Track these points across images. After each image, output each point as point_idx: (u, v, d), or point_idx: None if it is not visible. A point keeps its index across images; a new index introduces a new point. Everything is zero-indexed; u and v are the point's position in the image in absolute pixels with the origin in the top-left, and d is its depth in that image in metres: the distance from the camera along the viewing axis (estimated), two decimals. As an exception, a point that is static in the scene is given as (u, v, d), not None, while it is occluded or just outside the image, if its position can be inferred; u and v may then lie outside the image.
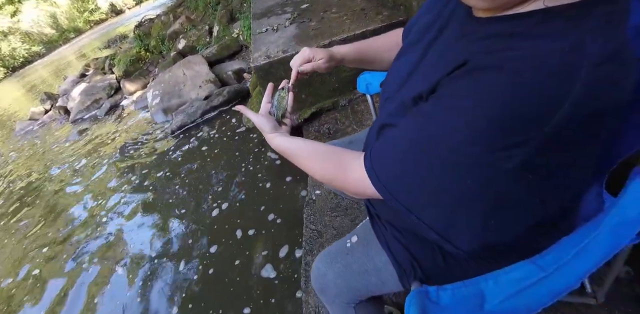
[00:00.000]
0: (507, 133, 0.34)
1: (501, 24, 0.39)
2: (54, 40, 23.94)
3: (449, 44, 0.47)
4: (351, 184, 0.50)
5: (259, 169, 2.39)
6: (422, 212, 0.42)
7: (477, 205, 0.39)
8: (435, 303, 0.54)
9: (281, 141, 0.62)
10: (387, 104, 0.56)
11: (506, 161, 0.35)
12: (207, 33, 5.32)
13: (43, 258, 2.54)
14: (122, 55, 6.33)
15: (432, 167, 0.40)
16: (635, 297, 0.87)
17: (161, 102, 4.00)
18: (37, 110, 6.54)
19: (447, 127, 0.38)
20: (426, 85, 0.44)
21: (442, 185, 0.39)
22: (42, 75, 13.71)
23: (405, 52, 0.60)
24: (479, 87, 0.36)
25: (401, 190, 0.43)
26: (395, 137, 0.46)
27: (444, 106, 0.39)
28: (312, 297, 1.20)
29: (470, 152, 0.36)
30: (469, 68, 0.38)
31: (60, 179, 3.73)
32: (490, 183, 0.37)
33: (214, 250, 1.87)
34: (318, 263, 0.70)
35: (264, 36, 2.30)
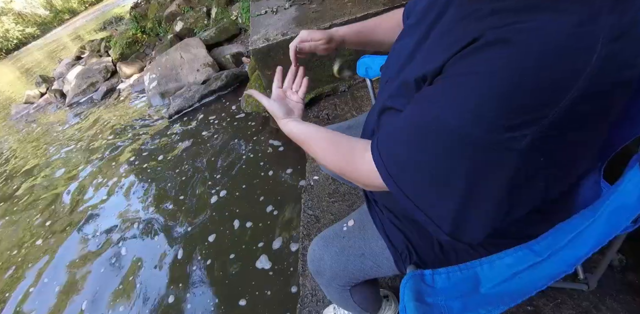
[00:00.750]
0: (519, 111, 0.32)
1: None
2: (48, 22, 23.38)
3: (453, 23, 0.44)
4: (362, 175, 0.48)
5: (261, 157, 2.36)
6: (430, 208, 0.40)
7: (490, 194, 0.37)
8: (430, 286, 0.55)
9: (293, 127, 0.61)
10: (388, 86, 0.54)
11: (517, 142, 0.33)
12: (205, 15, 5.18)
13: (36, 242, 2.57)
14: (118, 38, 6.20)
15: (440, 154, 0.37)
16: (626, 284, 0.88)
17: (158, 86, 3.95)
18: (32, 93, 6.46)
19: (455, 109, 0.36)
20: (431, 66, 0.41)
21: (452, 174, 0.37)
22: (37, 58, 13.48)
23: (406, 34, 0.58)
24: (488, 63, 0.34)
25: (408, 181, 0.41)
26: (401, 124, 0.43)
27: (450, 87, 0.37)
28: (309, 280, 1.22)
29: (480, 134, 0.34)
30: (478, 45, 0.35)
31: (57, 164, 3.71)
32: (502, 167, 0.35)
33: (212, 239, 1.86)
34: (314, 245, 0.71)
35: (262, 18, 2.24)
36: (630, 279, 0.89)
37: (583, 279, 0.67)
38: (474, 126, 0.34)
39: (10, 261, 2.49)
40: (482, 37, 0.35)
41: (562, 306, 0.89)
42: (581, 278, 0.68)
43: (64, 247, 2.37)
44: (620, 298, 0.86)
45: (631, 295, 0.86)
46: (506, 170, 0.36)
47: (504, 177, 0.36)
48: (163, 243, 2.01)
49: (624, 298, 0.86)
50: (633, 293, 0.87)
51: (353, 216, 0.73)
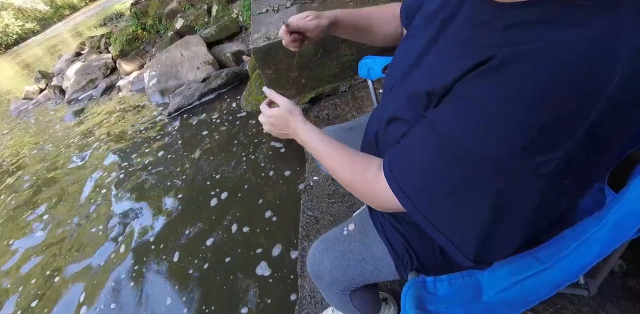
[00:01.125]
0: (544, 135, 0.31)
1: (527, 10, 0.35)
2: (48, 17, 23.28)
3: (467, 31, 0.42)
4: (377, 198, 0.47)
5: (262, 158, 2.32)
6: (454, 233, 0.38)
7: (516, 218, 0.36)
8: (432, 293, 0.54)
9: (307, 133, 0.59)
10: (395, 92, 0.53)
11: (545, 166, 0.32)
12: (205, 13, 5.16)
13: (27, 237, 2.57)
14: (118, 34, 6.16)
15: (464, 180, 0.36)
16: (627, 290, 0.88)
17: (158, 84, 3.93)
18: (31, 89, 6.43)
19: (478, 135, 0.34)
20: (442, 80, 0.40)
21: (478, 200, 0.36)
22: (37, 53, 13.43)
23: (412, 35, 0.57)
24: (509, 85, 0.32)
25: (429, 206, 0.39)
26: (418, 148, 0.41)
27: (470, 110, 0.36)
28: (307, 282, 1.21)
29: (506, 160, 0.33)
30: (495, 64, 0.34)
31: (53, 161, 3.69)
32: (530, 191, 0.34)
33: (210, 243, 1.83)
34: (314, 249, 0.70)
35: (264, 17, 2.23)
36: (631, 285, 0.89)
37: (584, 285, 0.66)
38: (499, 152, 0.33)
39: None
40: (499, 55, 0.34)
41: (562, 311, 0.88)
42: (582, 284, 0.67)
43: (57, 247, 2.35)
44: (621, 304, 0.86)
45: (632, 301, 0.86)
46: (533, 194, 0.35)
47: (530, 202, 0.35)
48: (160, 244, 1.99)
49: (625, 304, 0.86)
50: (634, 299, 0.86)
51: (353, 220, 0.72)
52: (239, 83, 3.54)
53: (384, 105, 0.60)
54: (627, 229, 0.46)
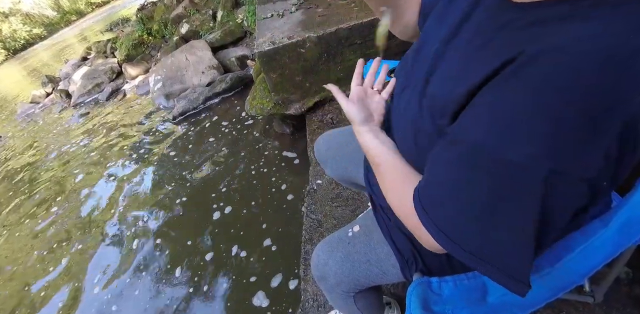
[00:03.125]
0: (578, 135, 0.30)
1: (550, 8, 0.34)
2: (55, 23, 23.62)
3: (485, 35, 0.40)
4: (421, 233, 0.42)
5: (274, 171, 2.19)
6: (503, 262, 0.35)
7: (558, 226, 0.34)
8: (437, 294, 0.54)
9: (369, 140, 0.56)
10: (408, 98, 0.51)
11: (588, 167, 0.31)
12: (210, 18, 5.22)
13: (41, 239, 2.57)
14: (124, 39, 6.24)
15: (503, 199, 0.33)
16: (633, 298, 0.87)
17: (163, 88, 3.97)
18: (38, 93, 6.51)
19: (514, 140, 0.32)
20: (462, 86, 0.38)
21: (520, 219, 0.33)
22: (44, 58, 13.60)
23: (423, 40, 0.55)
24: (535, 87, 0.31)
25: (468, 234, 0.36)
26: (443, 165, 0.39)
27: (503, 115, 0.33)
28: (310, 285, 1.21)
29: (544, 166, 0.31)
30: (523, 61, 0.32)
31: (59, 164, 3.72)
32: (573, 197, 0.33)
33: (209, 258, 1.80)
34: (319, 250, 0.70)
35: (268, 22, 2.25)
36: (637, 293, 0.87)
37: (589, 292, 0.66)
38: (538, 159, 0.31)
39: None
40: (526, 52, 0.32)
41: (567, 317, 0.87)
42: (587, 290, 0.66)
43: (50, 262, 2.32)
44: (627, 312, 0.84)
45: (638, 309, 0.85)
46: (577, 200, 0.33)
47: (573, 207, 0.34)
48: (159, 256, 1.96)
49: (631, 312, 0.84)
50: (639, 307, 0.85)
51: (358, 222, 0.72)
52: (243, 87, 3.58)
53: (392, 108, 0.60)
54: (633, 232, 0.47)
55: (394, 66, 0.96)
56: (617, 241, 0.48)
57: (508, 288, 0.35)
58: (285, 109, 2.17)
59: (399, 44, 1.96)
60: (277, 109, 2.18)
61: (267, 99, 2.22)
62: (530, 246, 0.33)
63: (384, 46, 0.62)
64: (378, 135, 0.57)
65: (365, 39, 1.91)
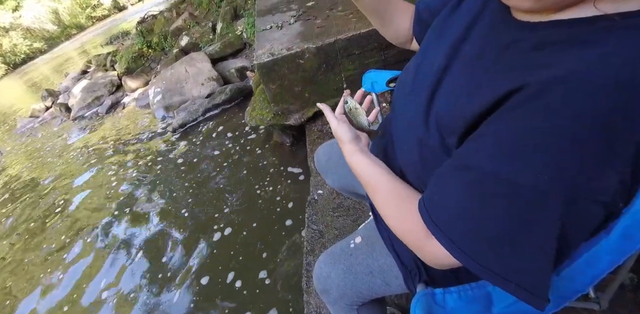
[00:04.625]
0: (596, 158, 0.30)
1: (557, 30, 0.35)
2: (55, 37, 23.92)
3: (488, 52, 0.40)
4: (428, 251, 0.42)
5: (279, 189, 2.12)
6: (523, 278, 0.35)
7: (577, 242, 0.35)
8: (441, 306, 0.54)
9: (359, 161, 0.55)
10: (409, 114, 0.51)
11: (604, 193, 0.32)
12: (210, 30, 5.31)
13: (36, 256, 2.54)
14: (124, 52, 6.32)
15: (519, 221, 0.34)
16: (638, 304, 0.86)
17: (163, 100, 4.00)
18: (38, 107, 6.54)
19: (526, 166, 0.33)
20: (470, 107, 0.38)
21: (537, 238, 0.33)
22: (44, 72, 13.70)
23: (424, 53, 0.56)
24: (548, 114, 0.31)
25: (490, 255, 0.36)
26: (458, 193, 0.38)
27: (515, 142, 0.34)
28: (313, 297, 1.19)
29: (565, 191, 0.32)
30: (532, 92, 0.33)
31: (59, 178, 3.70)
32: (589, 219, 0.33)
33: (205, 282, 1.76)
34: (321, 263, 0.70)
35: (268, 33, 2.29)
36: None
37: (594, 299, 0.65)
38: (553, 184, 0.32)
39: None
40: (534, 82, 0.33)
41: (574, 325, 0.86)
42: (592, 297, 0.66)
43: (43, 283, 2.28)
44: (634, 319, 0.84)
45: (645, 315, 0.84)
46: (592, 220, 0.34)
47: (588, 228, 0.35)
48: (156, 277, 1.92)
49: (637, 319, 0.84)
50: (646, 312, 0.84)
51: (360, 232, 0.72)
52: (243, 98, 3.61)
53: (395, 122, 0.60)
54: (636, 239, 0.46)
55: (396, 75, 0.97)
56: (620, 248, 0.48)
57: (528, 303, 0.35)
58: (285, 119, 2.19)
59: (396, 53, 2.00)
60: (277, 120, 2.20)
61: (267, 110, 2.24)
62: (550, 264, 0.34)
63: (370, 124, 0.62)
64: (369, 155, 0.57)
65: (363, 50, 1.94)
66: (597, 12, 0.33)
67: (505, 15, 0.41)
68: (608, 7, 0.32)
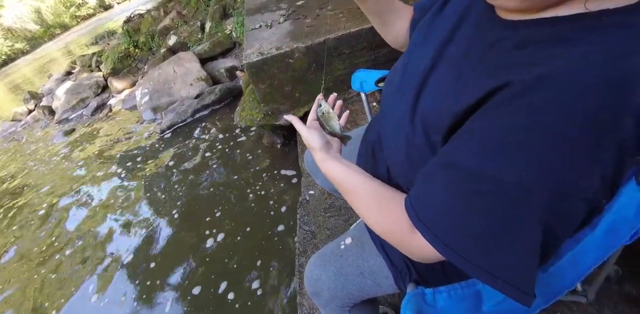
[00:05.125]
0: (576, 157, 0.31)
1: (540, 29, 0.35)
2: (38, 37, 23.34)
3: (473, 51, 0.41)
4: (414, 247, 0.42)
5: (272, 193, 2.07)
6: (508, 274, 0.35)
7: (561, 239, 0.35)
8: (432, 305, 0.54)
9: (332, 167, 0.55)
10: (396, 112, 0.52)
11: (588, 189, 0.32)
12: (199, 29, 5.24)
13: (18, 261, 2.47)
14: (110, 52, 6.20)
15: (504, 216, 0.34)
16: (624, 295, 0.89)
17: (150, 101, 3.94)
18: (20, 110, 6.37)
19: (511, 164, 0.33)
20: (455, 105, 0.38)
21: (523, 234, 0.34)
22: (26, 74, 13.35)
23: (411, 52, 0.56)
24: (532, 112, 0.32)
25: (475, 251, 0.36)
26: (443, 190, 0.39)
27: (499, 140, 0.34)
28: (306, 299, 1.19)
29: (548, 188, 0.32)
30: (516, 90, 0.33)
31: (41, 184, 3.60)
32: (574, 215, 0.34)
33: (197, 292, 1.70)
34: (311, 265, 0.69)
35: (257, 32, 2.27)
36: (627, 290, 0.89)
37: (581, 292, 0.67)
38: (537, 181, 0.32)
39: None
40: (518, 80, 0.33)
41: (561, 318, 0.88)
42: (579, 290, 0.67)
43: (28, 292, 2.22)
44: (619, 310, 0.86)
45: (629, 306, 0.86)
46: (575, 217, 0.34)
47: (572, 224, 0.35)
48: (147, 285, 1.88)
49: (622, 309, 0.86)
50: (631, 303, 0.87)
51: (350, 233, 0.72)
52: (232, 99, 3.58)
53: (383, 122, 0.60)
54: (621, 234, 0.47)
55: (385, 75, 0.97)
56: (605, 244, 0.48)
57: (515, 299, 0.36)
58: (275, 119, 2.18)
59: (386, 53, 2.01)
60: (267, 120, 2.18)
61: (257, 110, 2.22)
62: (535, 261, 0.34)
63: (341, 129, 0.62)
64: (341, 160, 0.56)
65: (353, 49, 1.94)
66: (579, 10, 0.33)
67: (491, 14, 0.41)
68: (591, 5, 0.32)
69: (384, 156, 0.58)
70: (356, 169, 0.54)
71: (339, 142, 0.62)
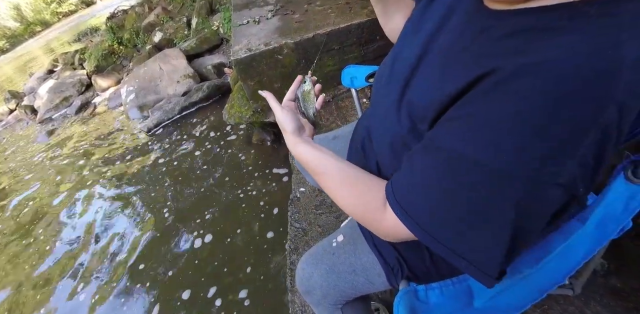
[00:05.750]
0: (556, 143, 0.31)
1: (526, 18, 0.35)
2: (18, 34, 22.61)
3: (462, 41, 0.41)
4: (382, 228, 0.44)
5: (264, 194, 2.02)
6: (474, 254, 0.36)
7: (534, 228, 0.36)
8: (424, 302, 0.54)
9: (304, 151, 0.55)
10: (386, 103, 0.51)
11: (561, 175, 0.32)
12: (185, 25, 5.14)
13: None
14: (94, 49, 6.04)
15: (480, 197, 0.35)
16: (610, 288, 0.90)
17: (136, 99, 3.85)
18: (0, 110, 6.16)
19: (491, 150, 0.33)
20: (441, 92, 0.39)
21: (496, 216, 0.34)
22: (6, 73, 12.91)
23: (401, 44, 0.56)
24: (515, 98, 0.32)
25: (443, 230, 0.37)
26: (424, 169, 0.39)
27: (480, 125, 0.34)
28: (298, 297, 1.18)
29: (523, 173, 0.32)
30: (501, 78, 0.33)
31: (24, 185, 3.50)
32: (547, 201, 0.34)
33: (186, 297, 1.67)
34: (303, 263, 0.69)
35: (245, 28, 2.23)
36: (613, 284, 0.91)
37: (568, 285, 0.67)
38: (514, 165, 0.33)
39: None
40: (503, 68, 0.33)
41: (549, 311, 0.89)
42: (567, 284, 0.68)
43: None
44: (604, 302, 0.88)
45: (615, 299, 0.88)
46: (551, 204, 0.34)
47: (548, 211, 0.35)
48: (137, 287, 1.84)
49: (608, 302, 0.88)
50: (616, 296, 0.88)
51: (342, 231, 0.71)
52: (221, 96, 3.53)
53: (372, 116, 0.59)
54: (609, 230, 0.48)
55: (375, 70, 0.97)
56: (595, 238, 0.49)
57: (478, 280, 0.37)
58: (264, 116, 2.15)
59: (375, 49, 2.00)
60: (257, 117, 2.16)
61: (246, 107, 2.20)
62: (503, 244, 0.35)
63: (316, 111, 0.63)
64: (312, 144, 0.56)
65: (342, 45, 1.93)
66: (565, 0, 0.33)
67: (479, 4, 0.42)
68: None
69: (374, 150, 0.58)
70: (328, 153, 0.54)
71: (311, 128, 0.62)
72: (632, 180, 0.44)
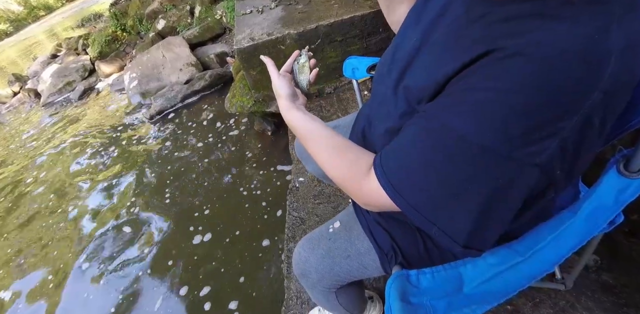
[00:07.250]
0: (540, 125, 0.32)
1: (521, 4, 0.36)
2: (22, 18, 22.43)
3: (460, 27, 0.42)
4: (364, 194, 0.45)
5: (267, 193, 1.97)
6: (445, 223, 0.38)
7: (508, 205, 0.37)
8: (415, 286, 0.55)
9: (296, 117, 0.57)
10: (386, 92, 0.52)
11: (538, 155, 0.34)
12: (188, 13, 5.09)
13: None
14: (97, 35, 6.00)
15: (458, 169, 0.36)
16: (601, 284, 0.91)
17: (139, 86, 3.85)
18: (4, 93, 6.18)
19: (476, 125, 0.35)
20: (437, 73, 0.40)
21: (470, 188, 0.36)
22: (10, 56, 12.87)
23: (402, 36, 0.57)
24: (507, 77, 0.33)
25: (420, 197, 0.39)
26: (410, 138, 0.41)
27: (469, 102, 0.36)
28: (293, 283, 1.21)
29: (502, 150, 0.34)
30: (494, 57, 0.34)
31: (26, 170, 3.51)
32: (523, 180, 0.35)
33: (183, 292, 1.62)
34: (300, 248, 0.70)
35: (248, 18, 2.22)
36: (605, 279, 0.92)
37: (560, 279, 0.69)
38: (496, 142, 0.34)
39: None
40: (498, 49, 0.34)
41: (540, 305, 0.91)
42: (558, 278, 0.69)
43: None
44: (596, 298, 0.89)
45: (606, 295, 0.89)
46: (527, 183, 0.35)
47: (523, 190, 0.36)
48: (133, 280, 1.81)
49: (599, 298, 0.89)
50: (607, 292, 0.89)
51: (339, 218, 0.72)
52: (223, 85, 3.52)
53: (372, 104, 0.60)
54: (599, 221, 0.49)
55: (376, 62, 0.97)
56: (585, 229, 0.50)
57: (446, 247, 0.40)
58: (266, 106, 2.15)
59: (378, 41, 1.99)
60: (258, 107, 2.16)
61: (248, 97, 2.19)
62: (473, 216, 0.37)
63: (309, 84, 0.66)
64: (305, 112, 0.58)
65: (345, 37, 1.91)
66: None
67: None
68: None
69: (373, 138, 0.58)
70: (319, 120, 0.56)
71: (305, 98, 0.64)
72: (624, 173, 0.45)
